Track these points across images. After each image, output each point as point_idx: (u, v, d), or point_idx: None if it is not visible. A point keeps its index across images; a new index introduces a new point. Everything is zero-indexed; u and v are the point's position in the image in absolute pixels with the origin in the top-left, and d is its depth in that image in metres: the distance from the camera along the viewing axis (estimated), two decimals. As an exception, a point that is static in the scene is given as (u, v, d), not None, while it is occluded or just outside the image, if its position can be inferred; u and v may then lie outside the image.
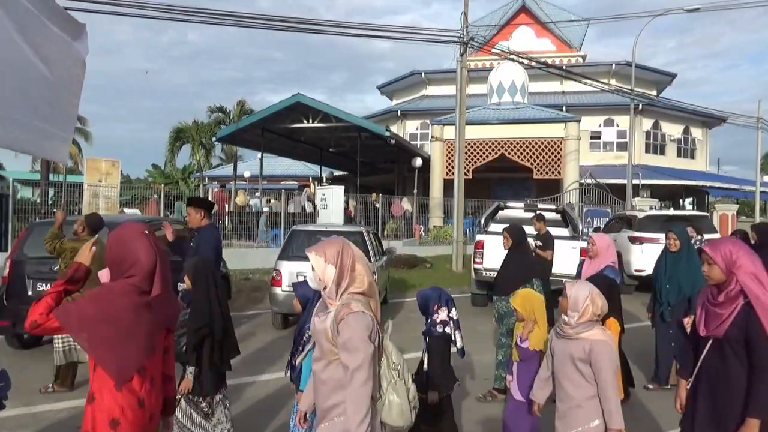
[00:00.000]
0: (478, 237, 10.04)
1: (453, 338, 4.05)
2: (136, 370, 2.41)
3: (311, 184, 23.88)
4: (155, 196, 17.51)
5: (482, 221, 10.54)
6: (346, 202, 17.51)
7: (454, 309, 4.10)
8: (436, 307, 4.04)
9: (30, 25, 4.65)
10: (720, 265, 2.90)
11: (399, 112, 31.21)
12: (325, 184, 22.14)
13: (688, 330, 4.15)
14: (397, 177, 25.03)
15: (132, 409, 2.39)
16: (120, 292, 2.41)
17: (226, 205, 17.93)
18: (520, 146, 21.85)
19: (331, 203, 14.09)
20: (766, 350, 2.79)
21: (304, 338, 3.61)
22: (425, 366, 4.04)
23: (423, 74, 32.33)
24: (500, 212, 10.74)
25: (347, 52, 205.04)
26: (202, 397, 3.83)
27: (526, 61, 22.01)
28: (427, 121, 26.58)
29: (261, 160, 22.80)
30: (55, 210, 14.04)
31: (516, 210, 10.70)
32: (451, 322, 4.05)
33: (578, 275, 5.61)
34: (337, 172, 29.83)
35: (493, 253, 6.04)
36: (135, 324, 2.40)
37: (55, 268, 6.49)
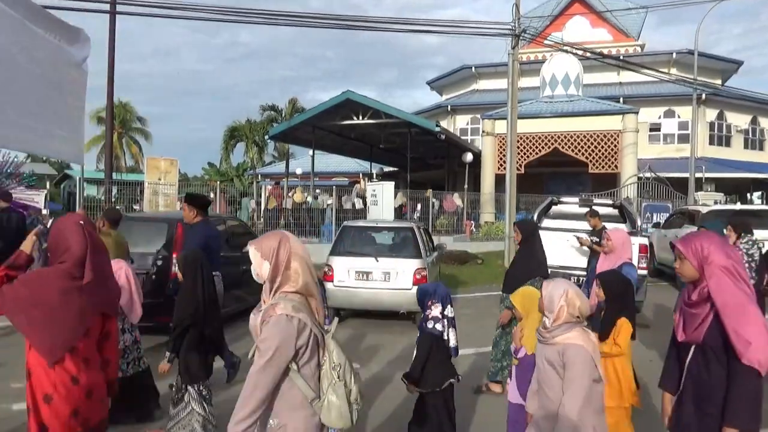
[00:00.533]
0: (531, 233, 9.85)
1: (446, 336, 3.91)
2: (66, 350, 2.54)
3: (361, 180, 24.04)
4: (211, 194, 18.05)
5: (535, 217, 10.34)
6: (403, 203, 17.57)
7: (449, 306, 3.98)
8: (430, 303, 3.94)
9: (20, 33, 4.89)
10: (691, 261, 2.67)
11: (449, 107, 30.96)
12: (375, 180, 22.23)
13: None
14: (447, 172, 24.86)
15: (65, 385, 2.53)
16: (52, 277, 2.57)
17: (283, 202, 18.25)
18: (575, 140, 21.27)
19: (382, 199, 14.12)
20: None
21: None
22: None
23: (473, 68, 31.93)
24: (554, 207, 10.49)
25: (396, 49, 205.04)
26: (196, 384, 3.98)
27: (580, 52, 21.39)
28: (478, 116, 26.25)
29: (312, 157, 23.09)
30: (117, 206, 14.69)
31: (570, 205, 10.43)
32: (445, 320, 3.92)
33: (592, 272, 5.42)
34: (387, 168, 29.89)
35: (548, 248, 5.85)
36: (65, 307, 2.54)
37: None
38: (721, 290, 2.60)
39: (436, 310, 3.93)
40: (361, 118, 19.26)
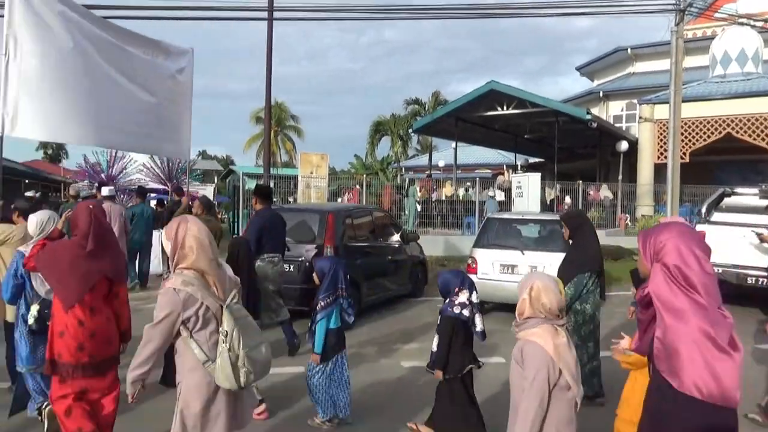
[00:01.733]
0: (698, 227, 8.89)
1: (472, 321, 4.09)
2: (76, 300, 3.35)
3: (505, 171, 23.48)
4: (357, 186, 18.77)
5: (704, 209, 9.32)
6: (555, 197, 16.88)
7: (474, 293, 4.15)
8: (457, 289, 4.11)
9: (119, 55, 6.29)
10: (645, 257, 2.30)
11: (601, 93, 29.01)
12: (520, 171, 21.59)
13: None
14: (599, 163, 23.33)
15: (73, 326, 3.37)
16: (65, 247, 3.58)
17: (433, 194, 18.46)
18: (753, 123, 18.79)
19: (527, 191, 13.68)
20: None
21: (317, 307, 4.37)
22: (433, 345, 4.17)
23: (629, 50, 29.55)
24: (726, 200, 9.38)
25: (541, 35, 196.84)
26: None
27: (760, 24, 18.82)
28: (634, 101, 24.29)
29: (455, 149, 23.02)
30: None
31: (747, 197, 9.25)
32: (471, 306, 4.09)
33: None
34: (532, 159, 28.90)
35: (719, 245, 5.21)
36: (74, 268, 3.39)
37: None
38: (656, 294, 2.22)
39: (463, 297, 4.10)
40: (505, 108, 18.79)
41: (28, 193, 10.70)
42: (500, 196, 17.64)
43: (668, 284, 2.20)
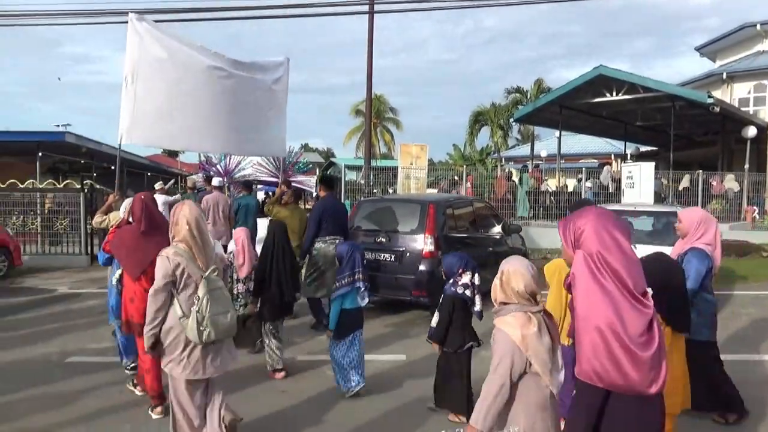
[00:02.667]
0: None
1: (472, 301, 4.41)
2: (140, 272, 4.24)
3: (613, 161, 22.20)
4: (455, 177, 18.58)
5: None
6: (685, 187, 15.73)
7: (477, 275, 4.46)
8: (460, 270, 4.42)
9: (219, 77, 7.49)
10: (566, 244, 2.32)
11: (724, 74, 26.51)
12: (629, 160, 20.34)
13: None
14: (722, 150, 21.40)
15: (140, 293, 4.18)
16: (128, 230, 4.53)
17: (542, 185, 17.84)
18: None
19: (639, 181, 12.85)
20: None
21: (333, 288, 4.97)
22: (433, 321, 4.48)
23: (758, 26, 26.71)
24: None
25: (652, 14, 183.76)
26: (268, 323, 5.34)
27: None
28: (764, 83, 22.05)
29: (559, 138, 22.12)
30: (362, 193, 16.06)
31: None
32: (473, 287, 4.43)
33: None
34: (643, 148, 27.14)
35: None
36: (135, 247, 4.31)
37: (379, 240, 7.60)
38: (575, 281, 2.20)
39: (466, 278, 4.43)
40: (614, 94, 17.73)
41: (157, 185, 11.64)
42: (611, 187, 16.70)
43: (589, 271, 2.17)
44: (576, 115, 21.05)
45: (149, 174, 25.72)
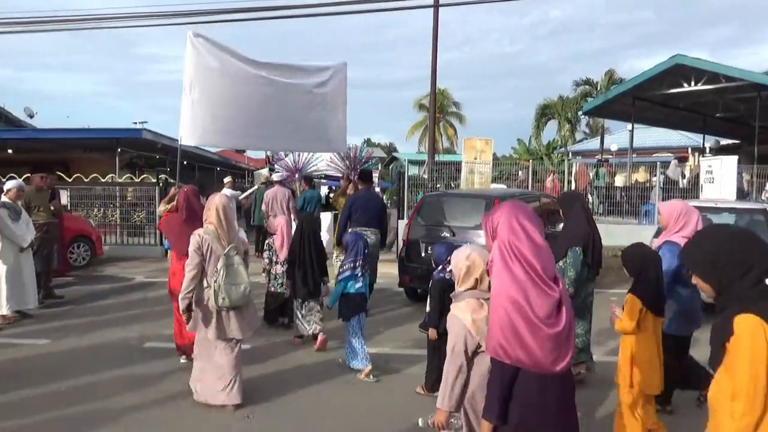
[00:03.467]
0: None
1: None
2: (184, 252, 4.61)
3: (690, 155, 21.05)
4: (520, 172, 18.15)
5: None
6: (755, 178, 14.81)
7: None
8: (447, 259, 4.39)
9: (269, 83, 8.45)
10: (487, 236, 2.52)
11: (816, 61, 24.62)
12: (708, 154, 19.23)
13: None
14: (812, 144, 19.88)
15: (179, 269, 4.88)
16: (174, 218, 5.52)
17: (616, 179, 17.18)
18: None
19: (720, 176, 12.12)
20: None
21: (338, 272, 5.71)
22: (427, 307, 4.81)
23: None
24: None
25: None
26: (297, 300, 6.03)
27: None
28: None
29: (631, 131, 21.19)
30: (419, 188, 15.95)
31: None
32: None
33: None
34: (723, 141, 25.62)
35: None
36: (181, 231, 5.07)
37: (443, 234, 7.51)
38: (492, 266, 2.41)
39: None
40: (693, 84, 16.79)
41: (226, 179, 12.18)
42: (683, 182, 15.85)
43: (501, 257, 2.35)
44: (650, 107, 20.11)
45: (218, 169, 26.65)
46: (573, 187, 16.27)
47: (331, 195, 12.48)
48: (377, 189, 17.03)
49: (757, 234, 2.06)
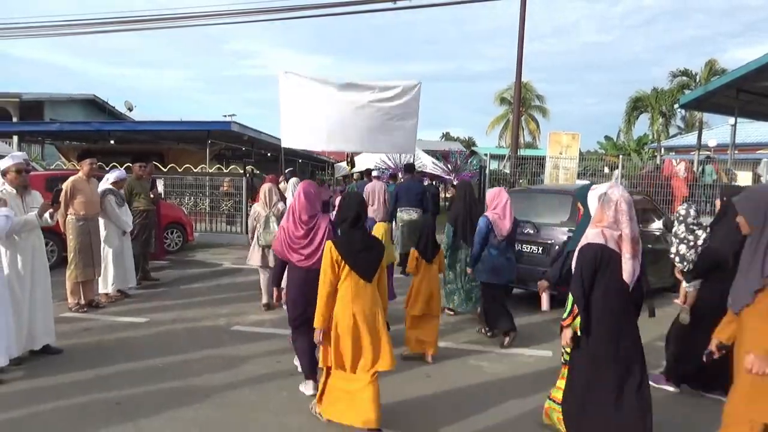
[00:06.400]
0: None
1: None
2: None
3: (800, 152, 19.32)
4: (606, 168, 17.36)
5: None
6: None
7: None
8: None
9: (349, 99, 9.71)
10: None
11: None
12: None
13: None
14: None
15: None
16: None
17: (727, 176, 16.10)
18: None
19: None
20: None
21: None
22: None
23: None
24: None
25: None
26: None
27: None
28: None
29: (734, 126, 19.72)
30: (521, 180, 15.58)
31: None
32: None
33: None
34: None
35: None
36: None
37: (526, 231, 7.30)
38: None
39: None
40: (809, 73, 15.34)
41: (288, 170, 12.85)
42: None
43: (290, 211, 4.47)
44: (756, 100, 18.58)
45: (300, 161, 27.53)
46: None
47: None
48: (453, 183, 16.87)
49: None
